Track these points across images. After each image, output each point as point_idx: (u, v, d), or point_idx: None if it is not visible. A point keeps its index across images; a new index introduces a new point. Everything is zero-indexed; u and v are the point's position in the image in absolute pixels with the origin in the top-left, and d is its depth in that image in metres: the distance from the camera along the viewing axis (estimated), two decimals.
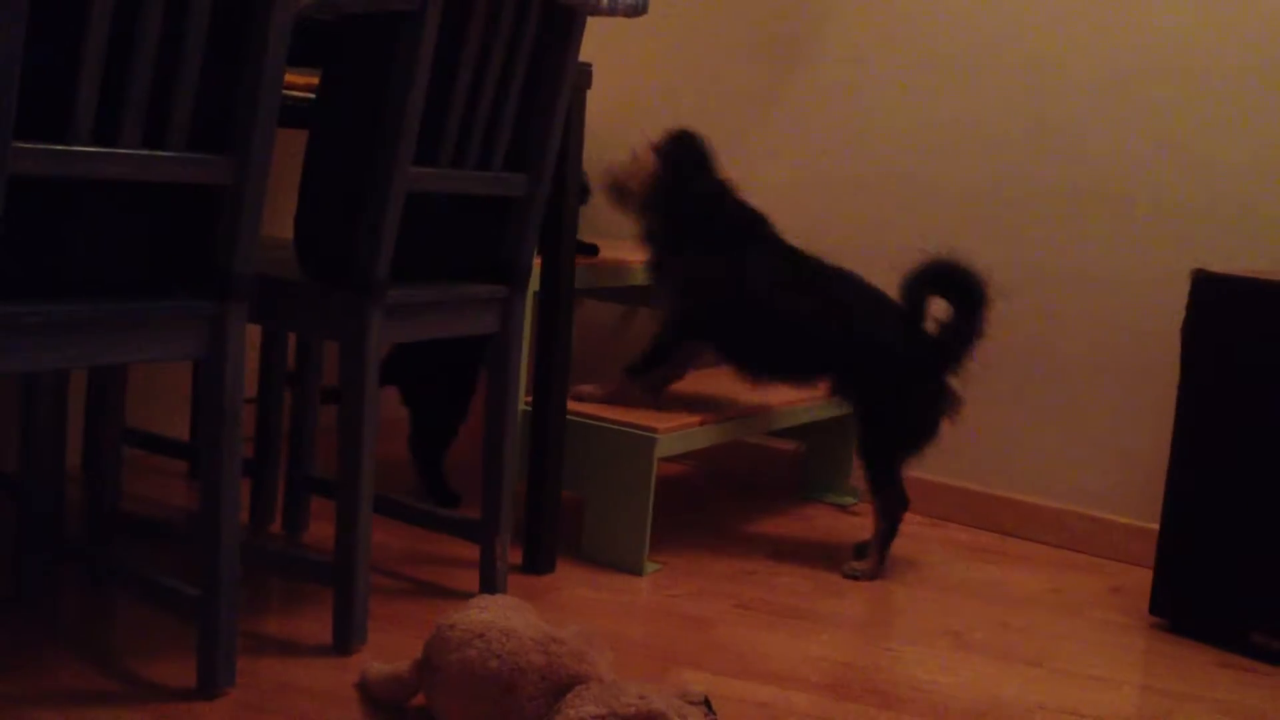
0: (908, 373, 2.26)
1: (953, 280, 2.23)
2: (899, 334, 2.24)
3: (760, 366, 2.32)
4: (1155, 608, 2.13)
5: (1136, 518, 2.50)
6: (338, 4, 1.58)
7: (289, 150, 2.72)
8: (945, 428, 2.29)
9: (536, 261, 2.12)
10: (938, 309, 2.25)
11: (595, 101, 3.17)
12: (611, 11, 1.85)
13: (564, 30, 1.85)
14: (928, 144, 2.72)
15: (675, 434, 2.20)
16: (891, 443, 2.29)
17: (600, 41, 3.15)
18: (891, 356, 2.24)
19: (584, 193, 2.56)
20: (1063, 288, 2.57)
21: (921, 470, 2.73)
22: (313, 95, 1.85)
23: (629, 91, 3.14)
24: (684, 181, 2.30)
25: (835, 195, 2.84)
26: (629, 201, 2.33)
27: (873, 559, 2.27)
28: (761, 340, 2.30)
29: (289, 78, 1.90)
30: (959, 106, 2.67)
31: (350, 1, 1.57)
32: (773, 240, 2.34)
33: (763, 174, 2.94)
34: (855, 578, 2.25)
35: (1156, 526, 2.16)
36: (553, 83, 1.87)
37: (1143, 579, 2.39)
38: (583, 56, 3.16)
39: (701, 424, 2.28)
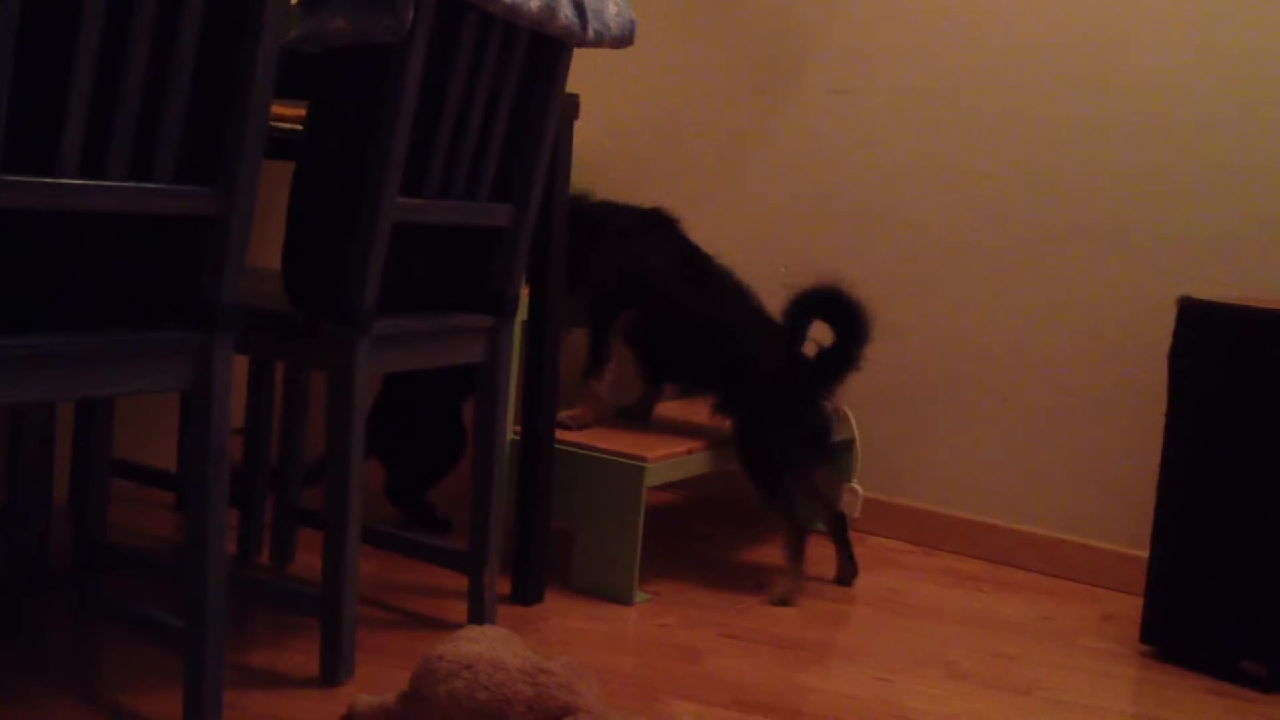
0: (778, 393, 2.29)
1: (836, 307, 2.27)
2: (775, 354, 2.29)
3: (656, 363, 2.42)
4: (1146, 636, 2.13)
5: (1127, 545, 2.50)
6: (324, 37, 1.58)
7: (276, 181, 2.73)
8: (935, 456, 2.30)
9: (525, 291, 2.12)
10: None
11: (582, 132, 3.19)
12: (597, 43, 1.86)
13: (550, 61, 1.86)
14: (912, 175, 2.73)
15: (664, 463, 2.20)
16: (768, 459, 2.31)
17: (587, 72, 3.16)
18: (763, 375, 2.30)
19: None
20: (1049, 316, 2.58)
21: (913, 498, 2.74)
22: (299, 127, 1.86)
23: (616, 122, 3.16)
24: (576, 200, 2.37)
25: (820, 225, 2.85)
26: None
27: (788, 577, 2.27)
28: (658, 334, 2.39)
29: (276, 109, 1.90)
30: (943, 137, 2.69)
31: (337, 34, 1.58)
32: (674, 233, 2.47)
33: (748, 203, 2.95)
34: (780, 603, 2.24)
35: (1147, 554, 2.16)
36: (539, 113, 1.88)
37: (1134, 606, 2.39)
38: (570, 87, 3.18)
39: (690, 453, 2.28)
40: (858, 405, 2.80)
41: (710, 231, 3.02)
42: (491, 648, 1.49)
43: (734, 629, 2.09)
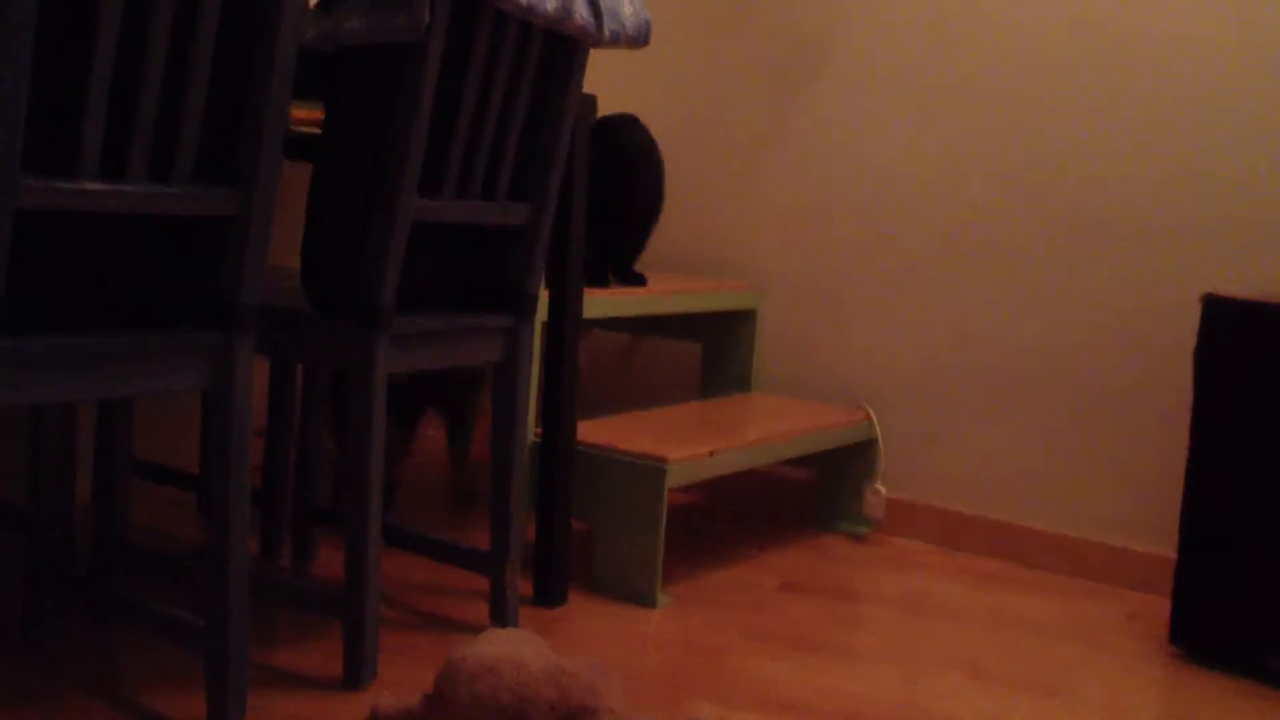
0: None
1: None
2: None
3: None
4: (1174, 636, 2.10)
5: (1152, 544, 2.48)
6: (341, 36, 1.58)
7: (295, 182, 2.74)
8: (957, 456, 2.28)
9: (545, 291, 2.12)
10: None
11: None
12: (613, 42, 1.85)
13: (566, 61, 1.86)
14: (931, 172, 2.72)
15: (686, 464, 2.19)
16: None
17: (604, 73, 3.16)
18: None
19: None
20: (1072, 313, 2.56)
21: (936, 498, 2.72)
22: (318, 127, 1.86)
23: None
24: None
25: (838, 223, 2.84)
26: None
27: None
28: None
29: (294, 110, 1.90)
30: (961, 133, 2.67)
31: (353, 33, 1.58)
32: None
33: (764, 201, 2.94)
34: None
35: (1173, 554, 2.14)
36: (556, 113, 1.87)
37: (1159, 606, 2.37)
38: (586, 88, 3.19)
39: (712, 454, 2.27)
40: (879, 405, 2.79)
41: (727, 230, 3.01)
42: (515, 649, 1.48)
43: (758, 630, 2.08)
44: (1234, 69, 2.38)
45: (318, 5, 1.64)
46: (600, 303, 2.35)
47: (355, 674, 1.70)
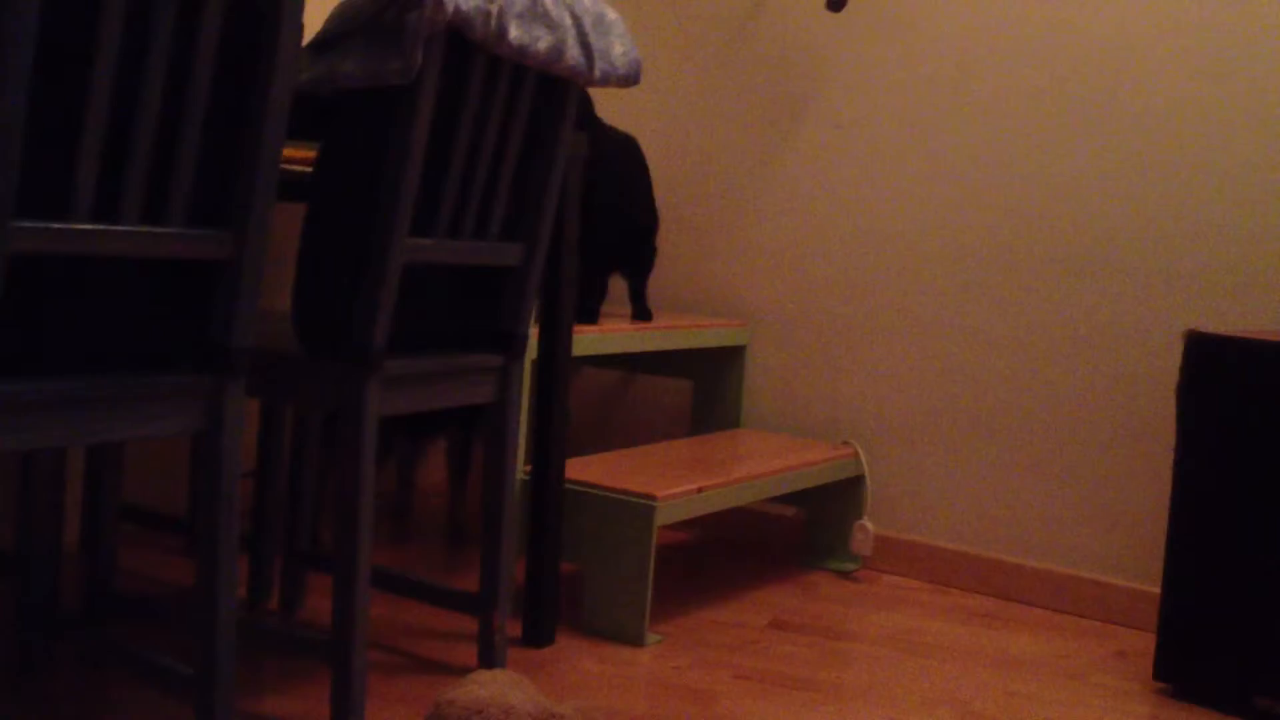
0: None
1: None
2: None
3: None
4: (1159, 673, 2.11)
5: (1139, 580, 2.48)
6: (335, 80, 1.59)
7: (284, 221, 2.74)
8: (944, 492, 2.28)
9: (534, 329, 2.12)
10: None
11: None
12: (604, 82, 1.86)
13: (558, 101, 1.87)
14: (918, 208, 2.73)
15: (675, 501, 2.19)
16: None
17: (595, 111, 3.18)
18: None
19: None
20: (1059, 351, 2.58)
21: (923, 535, 2.72)
22: (310, 169, 1.86)
23: None
24: None
25: (827, 258, 2.85)
26: None
27: None
28: None
29: (286, 151, 1.91)
30: (948, 170, 2.69)
31: (347, 76, 1.58)
32: None
33: (754, 239, 2.95)
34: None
35: (1159, 590, 2.15)
36: (548, 153, 1.88)
37: (1146, 643, 2.37)
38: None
39: (700, 491, 2.27)
40: (867, 441, 2.80)
41: (717, 267, 3.02)
42: (502, 692, 1.48)
43: (747, 670, 2.08)
44: (1217, 120, 2.41)
45: (311, 47, 1.65)
46: (590, 340, 2.35)
47: (343, 719, 1.69)
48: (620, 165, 2.55)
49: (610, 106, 3.17)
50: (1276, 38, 2.34)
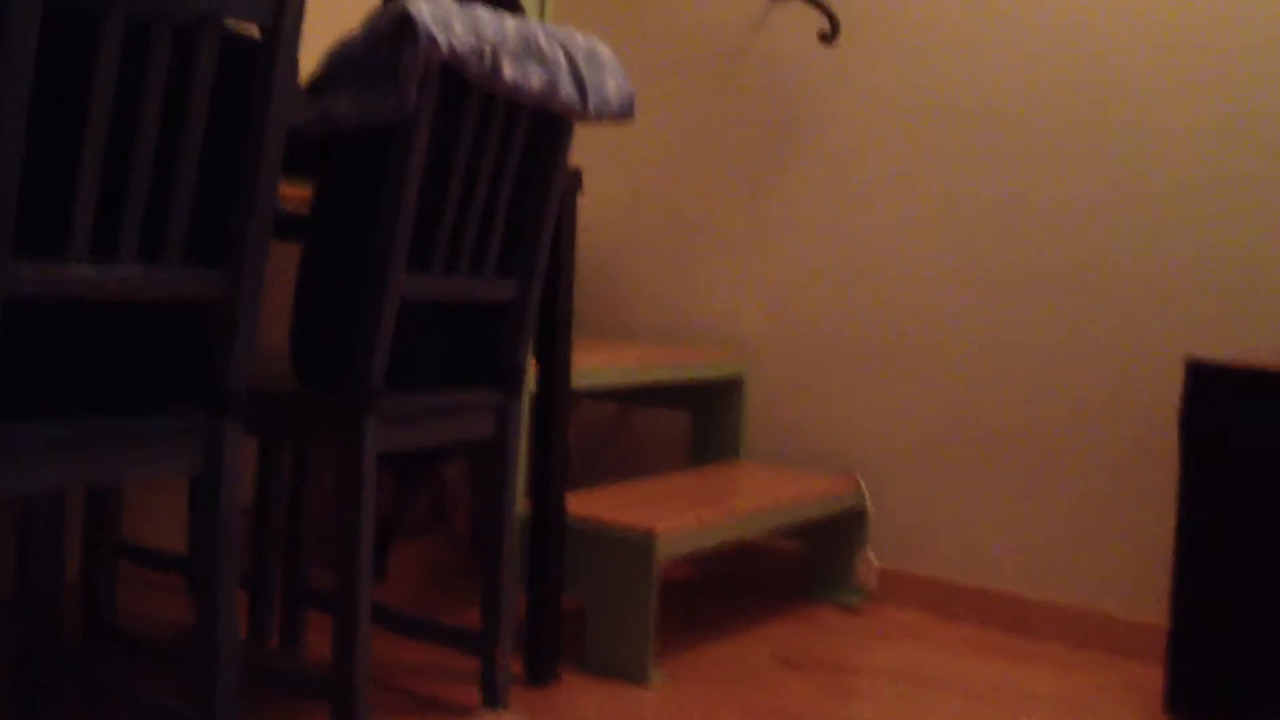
0: None
1: None
2: None
3: None
4: (1169, 706, 2.09)
5: (1150, 614, 2.46)
6: (331, 119, 1.60)
7: (280, 260, 2.74)
8: (949, 524, 2.27)
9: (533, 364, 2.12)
10: None
11: (586, 203, 3.21)
12: (598, 117, 1.87)
13: (553, 137, 1.88)
14: (916, 238, 2.74)
15: (676, 535, 2.18)
16: None
17: (590, 144, 3.19)
18: None
19: None
20: (1064, 380, 2.57)
21: (928, 567, 2.71)
22: (306, 207, 1.86)
23: (619, 194, 3.18)
24: None
25: (823, 290, 2.85)
26: None
27: None
28: None
29: (283, 190, 1.91)
30: (946, 202, 2.70)
31: (343, 115, 1.59)
32: None
33: (751, 269, 2.96)
34: None
35: (1166, 621, 2.13)
36: (543, 188, 1.89)
37: (1155, 675, 2.35)
38: (573, 160, 3.21)
39: (702, 525, 2.26)
40: (869, 472, 2.78)
41: (714, 298, 3.02)
42: None
43: (753, 708, 2.06)
44: (1217, 145, 2.41)
45: (307, 87, 1.65)
46: (588, 373, 2.35)
47: None
48: None
49: (604, 140, 3.18)
50: (1272, 58, 2.35)
